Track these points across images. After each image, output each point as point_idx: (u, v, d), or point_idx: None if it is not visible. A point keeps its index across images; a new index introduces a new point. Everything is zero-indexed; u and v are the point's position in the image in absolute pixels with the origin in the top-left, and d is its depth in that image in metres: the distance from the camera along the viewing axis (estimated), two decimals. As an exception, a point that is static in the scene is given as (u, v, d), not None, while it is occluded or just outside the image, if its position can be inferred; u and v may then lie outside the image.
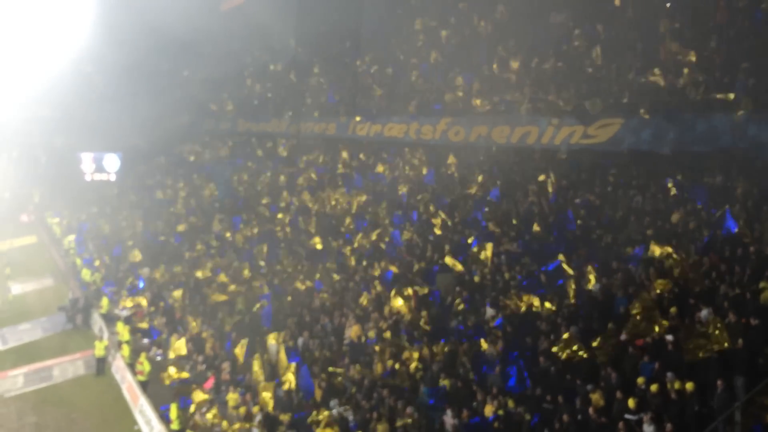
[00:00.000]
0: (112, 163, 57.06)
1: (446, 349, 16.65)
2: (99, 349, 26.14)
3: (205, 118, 53.41)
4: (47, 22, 58.80)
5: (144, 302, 30.24)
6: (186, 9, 49.88)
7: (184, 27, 50.12)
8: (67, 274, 40.11)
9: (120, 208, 49.33)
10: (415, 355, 16.95)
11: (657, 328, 13.31)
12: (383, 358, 17.54)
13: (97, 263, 37.59)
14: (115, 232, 44.09)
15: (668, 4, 22.06)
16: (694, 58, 19.11)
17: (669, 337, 13.04)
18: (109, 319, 30.03)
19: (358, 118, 33.68)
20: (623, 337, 13.75)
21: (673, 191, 17.93)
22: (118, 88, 61.16)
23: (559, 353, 14.06)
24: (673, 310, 13.56)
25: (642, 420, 11.88)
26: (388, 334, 18.50)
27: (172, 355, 24.42)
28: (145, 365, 23.36)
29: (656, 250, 15.15)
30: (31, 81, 63.14)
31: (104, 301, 31.13)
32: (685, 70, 19.15)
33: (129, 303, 30.06)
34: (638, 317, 13.54)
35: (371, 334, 19.30)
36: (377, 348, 18.13)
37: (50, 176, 58.74)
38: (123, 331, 26.89)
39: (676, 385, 11.99)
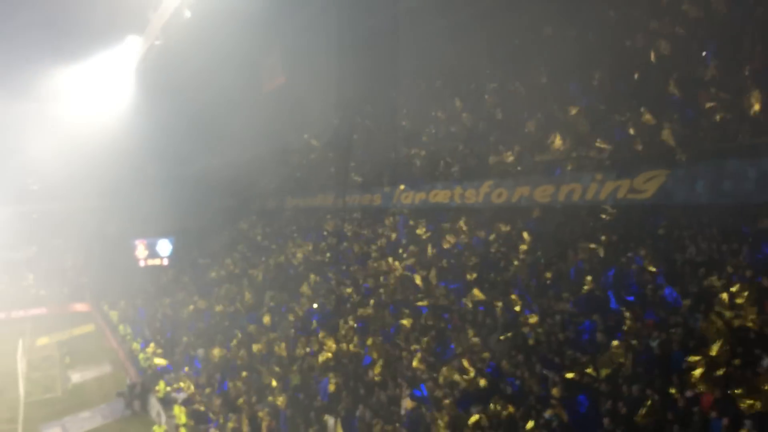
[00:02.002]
0: (165, 247, 58.16)
1: (505, 413, 16.27)
2: (158, 435, 26.22)
3: (253, 198, 54.32)
4: (100, 116, 61.36)
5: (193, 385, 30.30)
6: (230, 93, 51.75)
7: (229, 110, 51.87)
8: (125, 359, 40.57)
9: (174, 292, 50.07)
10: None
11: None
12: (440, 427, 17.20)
13: (152, 347, 37.94)
14: (169, 315, 44.66)
15: (704, 53, 21.89)
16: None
17: (737, 391, 12.56)
18: (167, 402, 30.14)
19: (402, 187, 33.91)
20: (688, 393, 13.29)
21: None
22: (168, 173, 62.89)
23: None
24: (737, 362, 13.07)
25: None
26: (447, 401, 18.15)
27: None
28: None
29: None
30: (85, 173, 65.60)
31: (161, 385, 31.30)
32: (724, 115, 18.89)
33: (184, 385, 30.13)
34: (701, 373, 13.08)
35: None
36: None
37: (105, 264, 60.11)
38: (180, 414, 26.92)
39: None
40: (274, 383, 25.97)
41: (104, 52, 58.90)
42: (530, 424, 15.63)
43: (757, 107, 18.21)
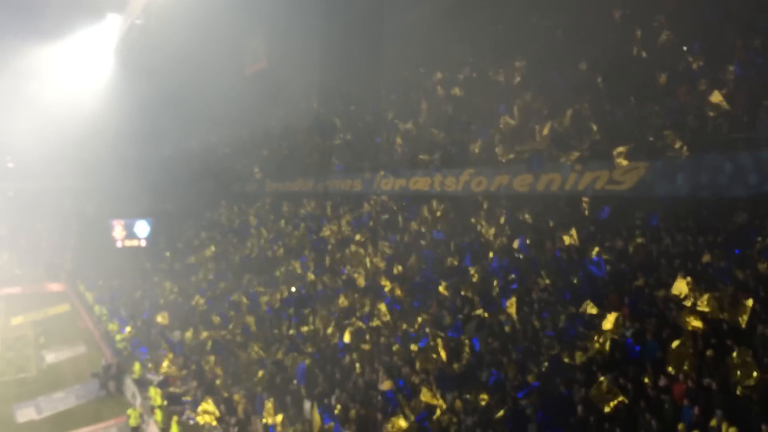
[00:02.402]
0: (143, 229, 57.80)
1: (481, 400, 16.41)
2: (133, 419, 26.09)
3: (233, 180, 54.09)
4: (78, 95, 60.65)
5: (174, 366, 30.17)
6: (211, 76, 51.41)
7: (210, 93, 51.53)
8: (100, 340, 40.35)
9: (151, 273, 49.83)
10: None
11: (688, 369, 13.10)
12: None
13: (128, 329, 37.76)
14: (145, 297, 44.46)
15: (685, 48, 22.05)
16: (718, 99, 18.88)
17: (707, 381, 12.77)
18: (142, 383, 30.06)
19: (382, 173, 33.93)
20: (661, 382, 13.49)
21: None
22: (147, 154, 62.42)
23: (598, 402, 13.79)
24: (709, 352, 13.27)
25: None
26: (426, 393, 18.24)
27: (202, 422, 24.18)
28: (173, 429, 23.25)
29: (684, 289, 14.84)
30: (63, 152, 64.88)
31: (136, 366, 31.20)
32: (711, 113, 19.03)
33: (161, 368, 30.03)
34: (674, 360, 13.29)
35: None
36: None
37: (82, 244, 59.67)
38: (155, 395, 26.85)
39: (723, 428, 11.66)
40: (250, 366, 26.02)
41: (83, 30, 58.16)
42: (501, 413, 15.78)
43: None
